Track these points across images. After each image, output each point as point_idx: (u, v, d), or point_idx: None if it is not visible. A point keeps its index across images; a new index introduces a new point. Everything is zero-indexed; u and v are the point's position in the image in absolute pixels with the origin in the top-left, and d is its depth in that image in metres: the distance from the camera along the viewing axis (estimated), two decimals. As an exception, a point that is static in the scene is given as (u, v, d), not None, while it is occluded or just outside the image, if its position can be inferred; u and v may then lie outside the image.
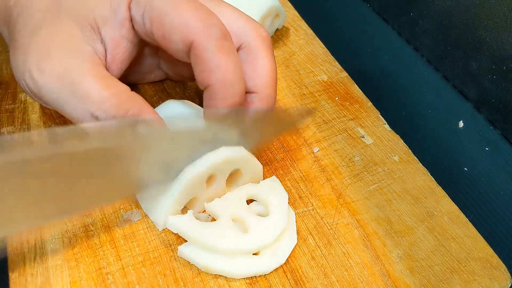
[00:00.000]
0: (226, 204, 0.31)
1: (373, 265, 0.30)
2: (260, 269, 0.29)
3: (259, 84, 0.30)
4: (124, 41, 0.29)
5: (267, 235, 0.30)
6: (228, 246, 0.28)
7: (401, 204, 0.34)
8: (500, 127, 0.39)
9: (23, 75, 0.27)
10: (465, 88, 0.41)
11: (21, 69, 0.27)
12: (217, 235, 0.29)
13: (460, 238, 0.32)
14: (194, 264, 0.29)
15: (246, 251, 0.29)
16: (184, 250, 0.29)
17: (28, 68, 0.27)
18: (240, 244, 0.29)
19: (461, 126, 0.42)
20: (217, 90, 0.27)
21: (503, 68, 0.37)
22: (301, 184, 0.34)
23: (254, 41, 0.30)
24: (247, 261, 0.29)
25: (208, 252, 0.29)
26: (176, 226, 0.29)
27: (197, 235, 0.29)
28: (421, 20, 0.45)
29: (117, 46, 0.29)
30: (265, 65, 0.30)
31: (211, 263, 0.28)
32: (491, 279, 0.30)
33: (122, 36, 0.29)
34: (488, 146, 0.40)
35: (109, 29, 0.28)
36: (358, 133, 0.38)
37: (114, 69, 0.29)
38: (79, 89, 0.26)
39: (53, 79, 0.26)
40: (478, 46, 0.39)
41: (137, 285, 0.28)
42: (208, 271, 0.29)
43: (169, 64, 0.36)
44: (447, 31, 0.42)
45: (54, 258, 0.28)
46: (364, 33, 0.53)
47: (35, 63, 0.27)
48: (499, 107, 0.38)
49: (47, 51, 0.27)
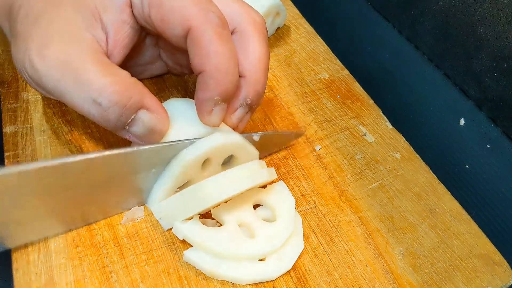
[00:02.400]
0: (233, 209, 0.31)
1: (376, 262, 0.30)
2: (266, 275, 0.29)
3: (248, 69, 0.30)
4: (125, 26, 0.29)
5: (274, 241, 0.29)
6: (235, 252, 0.28)
7: (403, 202, 0.34)
8: (501, 125, 0.39)
9: (24, 64, 0.27)
10: (466, 86, 0.41)
11: (22, 58, 0.27)
12: (223, 240, 0.28)
13: (462, 235, 0.32)
14: (199, 269, 0.29)
15: (252, 256, 0.29)
16: (189, 255, 0.29)
17: (29, 56, 0.27)
18: (246, 249, 0.29)
19: (462, 124, 0.42)
20: (212, 77, 0.28)
21: (504, 65, 0.37)
22: (303, 182, 0.34)
23: (247, 25, 0.30)
24: (253, 267, 0.29)
25: (214, 258, 0.28)
26: (182, 232, 0.29)
27: (203, 240, 0.28)
28: (421, 18, 0.45)
29: (119, 31, 0.29)
30: (256, 50, 0.30)
31: (217, 268, 0.28)
32: (493, 275, 0.30)
33: (123, 21, 0.29)
34: (489, 144, 0.40)
35: (110, 14, 0.29)
36: (360, 131, 0.38)
37: (115, 55, 0.29)
38: (80, 76, 0.26)
39: (54, 66, 0.26)
40: (479, 44, 0.39)
41: (141, 283, 0.28)
42: (214, 276, 0.28)
43: (168, 53, 0.36)
44: (448, 29, 0.42)
45: (57, 256, 0.28)
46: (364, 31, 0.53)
47: (36, 50, 0.27)
48: (500, 105, 0.38)
49: (48, 39, 0.27)
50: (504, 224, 0.38)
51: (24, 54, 0.27)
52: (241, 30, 0.30)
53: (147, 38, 0.34)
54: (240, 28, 0.30)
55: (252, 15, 0.31)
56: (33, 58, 0.26)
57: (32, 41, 0.27)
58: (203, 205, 0.28)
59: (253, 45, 0.30)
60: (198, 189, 0.28)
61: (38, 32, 0.27)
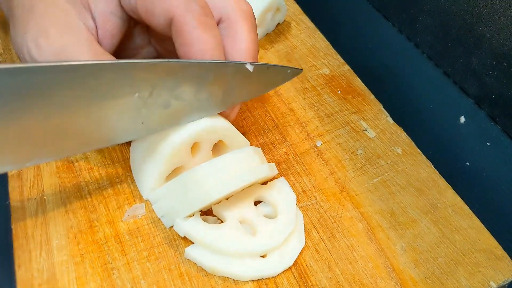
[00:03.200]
0: (234, 206, 0.31)
1: (377, 258, 0.30)
2: (268, 272, 0.29)
3: (237, 57, 0.30)
4: (113, 17, 0.30)
5: (275, 238, 0.29)
6: (236, 249, 0.28)
7: (404, 197, 0.34)
8: (501, 123, 0.39)
9: (22, 50, 0.28)
10: (466, 84, 0.41)
11: (20, 43, 0.28)
12: (225, 237, 0.29)
13: (464, 230, 0.32)
14: (201, 266, 0.29)
15: (254, 253, 0.29)
16: (191, 252, 0.29)
17: (27, 44, 0.27)
18: (248, 246, 0.29)
19: (462, 122, 0.42)
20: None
21: (504, 64, 0.36)
22: (304, 178, 0.34)
23: (234, 14, 0.30)
24: (255, 264, 0.29)
25: (215, 254, 0.28)
26: (183, 229, 0.29)
27: (204, 237, 0.28)
28: (421, 16, 0.44)
29: (107, 22, 0.30)
30: (244, 39, 0.30)
31: (219, 265, 0.28)
32: (495, 270, 0.30)
33: (111, 12, 0.30)
34: (489, 141, 0.40)
35: (99, 4, 0.29)
36: (361, 126, 0.38)
37: (105, 45, 0.30)
38: None
39: (50, 56, 0.27)
40: (479, 42, 0.38)
41: (142, 279, 0.28)
42: (215, 273, 0.28)
43: (158, 40, 0.36)
44: (448, 28, 0.42)
45: (59, 253, 0.28)
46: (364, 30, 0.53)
47: (33, 39, 0.27)
48: (499, 103, 0.38)
49: (44, 28, 0.27)
50: (504, 221, 0.38)
51: (22, 41, 0.28)
52: (228, 19, 0.31)
53: (138, 25, 0.35)
54: (227, 17, 0.31)
55: (240, 3, 0.31)
56: (30, 47, 0.27)
57: (29, 29, 0.27)
58: (205, 201, 0.28)
59: (241, 33, 0.30)
60: (199, 185, 0.28)
61: (34, 20, 0.28)
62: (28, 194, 0.31)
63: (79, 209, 0.30)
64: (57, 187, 0.31)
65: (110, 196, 0.31)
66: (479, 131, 0.40)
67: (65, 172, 0.32)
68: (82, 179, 0.32)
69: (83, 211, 0.30)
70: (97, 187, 0.32)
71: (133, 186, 0.32)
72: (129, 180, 0.32)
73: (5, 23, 0.43)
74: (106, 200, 0.31)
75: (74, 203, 0.31)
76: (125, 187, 0.32)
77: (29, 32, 0.27)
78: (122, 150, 0.34)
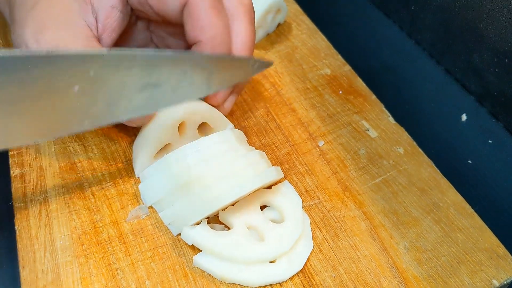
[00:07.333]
0: (240, 212, 0.30)
1: (381, 257, 0.31)
2: (278, 277, 0.29)
3: (235, 48, 0.31)
4: (114, 11, 0.30)
5: (284, 243, 0.29)
6: (245, 256, 0.28)
7: (407, 196, 0.34)
8: (503, 120, 0.39)
9: (21, 46, 0.28)
10: (468, 82, 0.41)
11: (19, 43, 0.28)
12: (233, 244, 0.28)
13: (466, 229, 0.32)
14: (210, 273, 0.28)
15: (263, 259, 0.29)
16: (200, 260, 0.28)
17: (25, 41, 0.28)
18: (257, 253, 0.28)
19: (464, 119, 0.42)
20: (206, 47, 0.29)
21: (505, 61, 0.37)
22: (307, 178, 0.34)
23: (234, 7, 0.31)
24: (264, 270, 0.28)
25: (224, 262, 0.28)
26: (191, 237, 0.28)
27: (213, 245, 0.28)
28: (422, 14, 0.45)
29: (108, 15, 0.30)
30: (241, 31, 0.31)
31: (229, 273, 0.28)
32: (497, 269, 0.30)
33: (112, 6, 0.30)
34: (491, 139, 0.40)
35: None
36: (362, 126, 0.38)
37: (105, 38, 0.30)
38: None
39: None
40: (480, 39, 0.39)
41: (147, 280, 0.28)
42: (225, 280, 0.28)
43: (160, 38, 0.37)
44: (448, 25, 0.42)
45: (64, 254, 0.28)
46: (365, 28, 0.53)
47: (31, 35, 0.27)
48: (501, 100, 0.38)
49: (43, 24, 0.28)
50: (506, 219, 0.38)
51: (21, 39, 0.28)
52: (229, 11, 0.31)
53: (139, 22, 0.35)
54: (228, 10, 0.31)
55: None
56: (28, 43, 0.27)
57: (28, 26, 0.28)
58: (212, 207, 0.28)
59: (240, 25, 0.31)
60: (205, 191, 0.28)
61: (34, 17, 0.28)
62: (31, 195, 0.31)
63: (82, 210, 0.31)
64: (60, 188, 0.31)
65: (114, 197, 0.31)
66: (481, 129, 0.40)
67: (68, 173, 0.32)
68: (85, 180, 0.32)
69: (86, 212, 0.30)
70: (100, 188, 0.32)
71: (136, 187, 0.32)
72: (132, 180, 0.32)
73: (5, 23, 0.43)
74: (110, 200, 0.31)
75: (77, 203, 0.31)
76: (128, 187, 0.32)
77: (28, 28, 0.28)
78: (125, 151, 0.34)
